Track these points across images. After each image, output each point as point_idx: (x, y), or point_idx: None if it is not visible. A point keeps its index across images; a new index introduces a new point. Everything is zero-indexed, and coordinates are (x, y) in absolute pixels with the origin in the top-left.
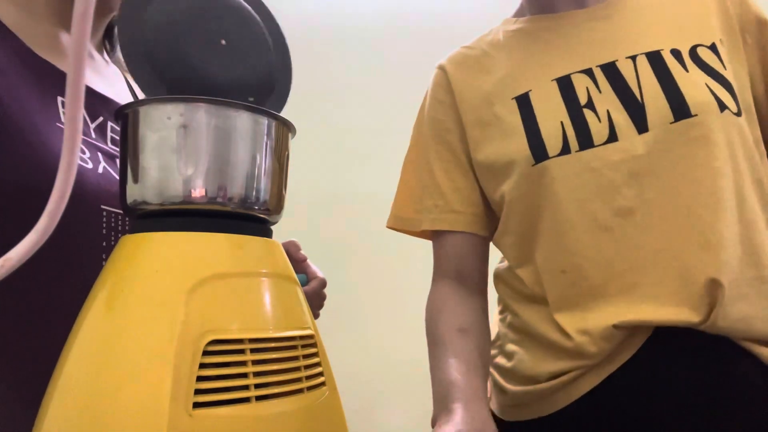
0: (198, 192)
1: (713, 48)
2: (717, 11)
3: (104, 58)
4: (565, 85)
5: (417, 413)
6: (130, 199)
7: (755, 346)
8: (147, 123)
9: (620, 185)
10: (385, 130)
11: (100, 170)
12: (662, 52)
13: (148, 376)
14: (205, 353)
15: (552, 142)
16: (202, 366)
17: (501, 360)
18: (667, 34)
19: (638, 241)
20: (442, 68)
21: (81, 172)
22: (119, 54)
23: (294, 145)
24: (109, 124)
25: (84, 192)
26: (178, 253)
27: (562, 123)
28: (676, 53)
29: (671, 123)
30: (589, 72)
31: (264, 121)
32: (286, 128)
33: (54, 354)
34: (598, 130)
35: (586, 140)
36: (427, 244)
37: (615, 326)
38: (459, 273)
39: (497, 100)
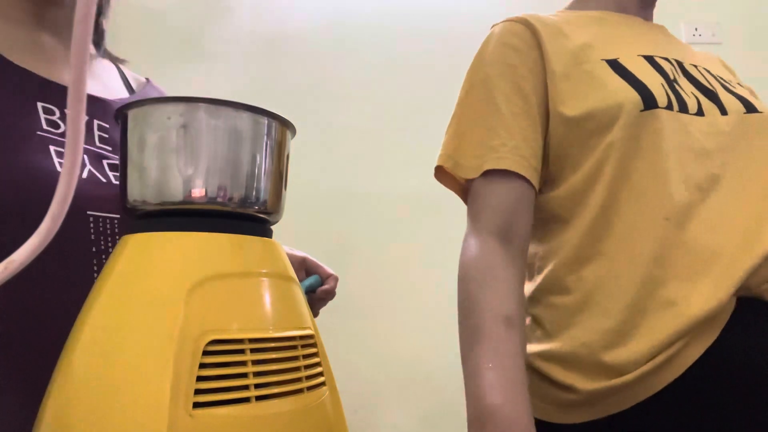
0: (198, 192)
1: (740, 85)
2: (729, 73)
3: (90, 53)
4: (652, 61)
5: (417, 413)
6: (130, 199)
7: None
8: (147, 123)
9: (710, 153)
10: (385, 130)
11: (85, 175)
12: (713, 71)
13: (148, 376)
14: (205, 353)
15: (658, 95)
16: (202, 366)
17: (547, 345)
18: (711, 66)
19: (730, 204)
20: (521, 20)
21: None
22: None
23: (294, 144)
24: (96, 122)
25: None
26: (178, 253)
27: (662, 84)
28: (721, 77)
29: (744, 113)
30: (667, 59)
31: (264, 121)
32: (286, 128)
33: (52, 355)
34: (689, 101)
35: (682, 105)
36: (427, 245)
37: (734, 294)
38: (506, 229)
39: (585, 60)
